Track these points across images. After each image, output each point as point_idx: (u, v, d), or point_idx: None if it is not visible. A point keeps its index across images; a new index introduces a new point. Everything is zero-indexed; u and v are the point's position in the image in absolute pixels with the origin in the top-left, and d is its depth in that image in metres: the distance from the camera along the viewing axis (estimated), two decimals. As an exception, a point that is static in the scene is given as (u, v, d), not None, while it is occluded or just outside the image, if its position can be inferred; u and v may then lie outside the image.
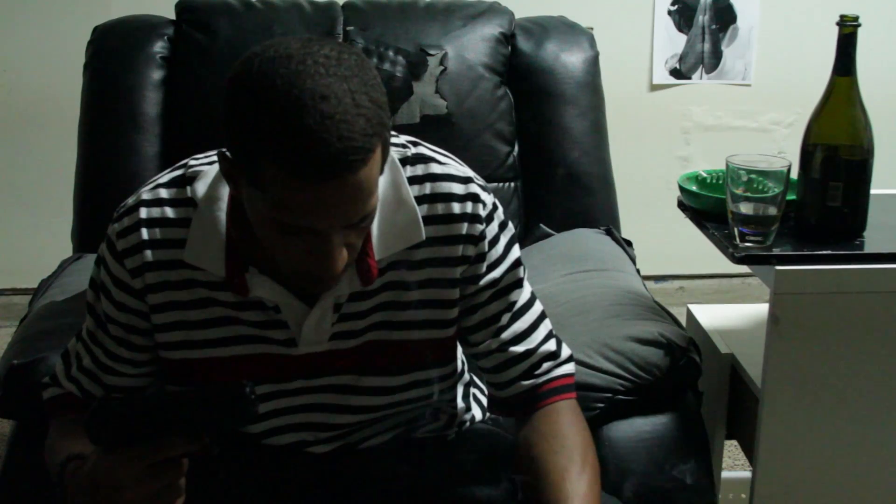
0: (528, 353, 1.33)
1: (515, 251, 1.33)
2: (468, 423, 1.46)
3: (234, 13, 2.01)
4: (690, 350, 1.57)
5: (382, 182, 1.20)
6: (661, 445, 1.54)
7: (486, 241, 1.28)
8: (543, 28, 2.09)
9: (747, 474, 1.87)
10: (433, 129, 1.98)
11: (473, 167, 1.66)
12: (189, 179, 1.24)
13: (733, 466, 2.46)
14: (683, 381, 1.59)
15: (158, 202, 1.24)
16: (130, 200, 1.26)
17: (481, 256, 1.28)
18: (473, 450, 1.40)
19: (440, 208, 1.25)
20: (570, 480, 1.24)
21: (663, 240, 2.88)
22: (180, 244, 1.22)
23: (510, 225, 1.33)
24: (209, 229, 1.22)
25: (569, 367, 1.36)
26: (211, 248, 1.22)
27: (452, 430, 1.44)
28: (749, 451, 1.73)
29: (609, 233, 2.01)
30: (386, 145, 1.09)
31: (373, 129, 1.05)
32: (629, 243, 2.00)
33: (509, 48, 2.06)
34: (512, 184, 2.05)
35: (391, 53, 1.99)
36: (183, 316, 1.25)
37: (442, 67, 1.99)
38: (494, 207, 1.30)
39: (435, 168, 1.27)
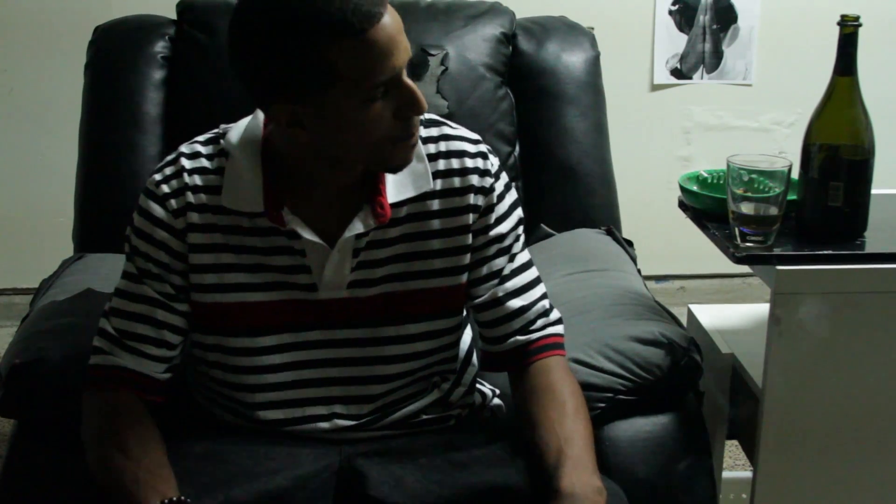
0: (525, 308, 1.45)
1: (519, 212, 1.46)
2: (469, 408, 1.53)
3: (234, 13, 2.01)
4: (691, 350, 1.57)
5: None
6: (662, 445, 1.54)
7: (495, 195, 1.42)
8: (544, 28, 2.09)
9: (748, 474, 1.87)
10: (434, 129, 1.98)
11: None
12: (222, 135, 1.39)
13: (734, 466, 2.46)
14: (684, 381, 1.59)
15: (196, 154, 1.38)
16: (170, 156, 1.40)
17: (490, 208, 1.41)
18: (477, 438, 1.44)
19: (454, 163, 1.40)
20: (566, 424, 1.36)
21: (664, 240, 2.88)
22: (217, 191, 1.36)
23: (514, 188, 1.47)
24: (245, 172, 1.35)
25: (559, 328, 1.48)
26: (247, 189, 1.35)
27: (455, 410, 1.49)
28: (750, 451, 1.73)
29: (610, 233, 2.01)
30: None
31: None
32: (630, 243, 2.00)
33: (510, 48, 2.06)
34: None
35: (392, 53, 1.99)
36: (217, 259, 1.37)
37: (443, 67, 1.99)
38: (501, 168, 1.44)
39: (448, 130, 1.43)
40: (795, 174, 1.58)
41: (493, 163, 1.43)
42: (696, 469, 1.55)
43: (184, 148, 1.40)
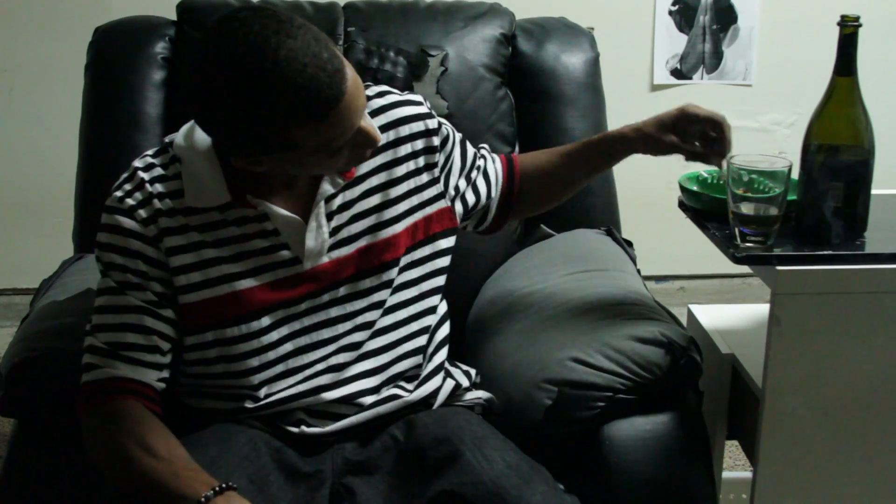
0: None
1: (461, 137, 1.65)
2: (441, 395, 1.57)
3: (234, 13, 2.01)
4: (691, 349, 1.57)
5: None
6: (662, 445, 1.54)
7: (445, 129, 1.58)
8: (544, 29, 2.09)
9: (748, 474, 1.87)
10: (434, 129, 1.98)
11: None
12: (169, 144, 1.45)
13: (734, 467, 2.46)
14: (684, 381, 1.59)
15: (151, 166, 1.44)
16: (125, 174, 1.44)
17: (445, 140, 1.57)
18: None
19: (397, 113, 1.53)
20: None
21: (664, 240, 2.88)
22: (180, 194, 1.41)
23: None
24: (203, 169, 1.41)
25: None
26: (209, 184, 1.40)
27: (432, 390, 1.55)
28: (750, 451, 1.73)
29: (610, 233, 2.01)
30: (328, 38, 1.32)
31: (321, 42, 1.27)
32: (630, 244, 2.00)
33: (510, 49, 2.06)
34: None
35: (392, 54, 1.99)
36: (199, 256, 1.41)
37: (443, 68, 1.99)
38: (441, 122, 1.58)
39: (385, 91, 1.56)
40: (795, 174, 1.58)
41: (435, 115, 1.57)
42: (696, 469, 1.55)
43: (137, 163, 1.45)
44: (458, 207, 1.61)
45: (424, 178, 1.55)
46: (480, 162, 1.67)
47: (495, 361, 1.68)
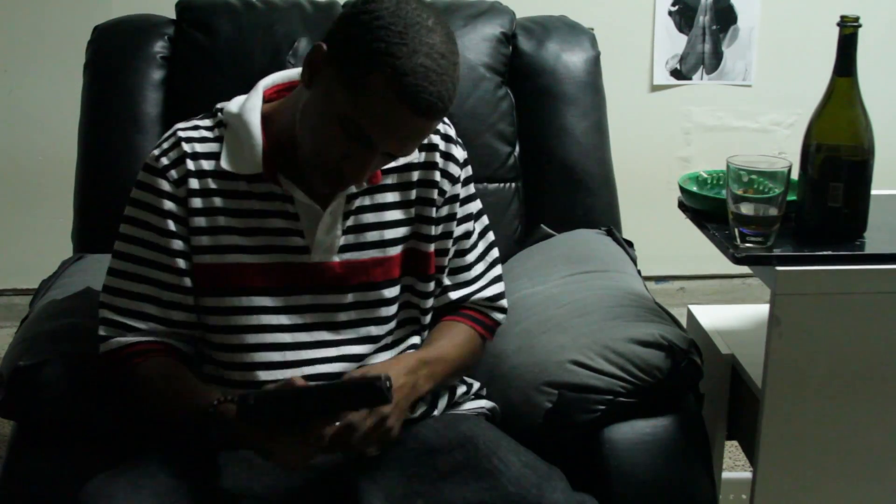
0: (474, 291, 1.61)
1: (478, 203, 1.62)
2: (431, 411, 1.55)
3: (234, 13, 2.00)
4: (691, 352, 1.57)
5: None
6: (662, 448, 1.53)
7: (461, 175, 1.55)
8: (544, 28, 2.09)
9: (748, 475, 1.86)
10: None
11: (474, 167, 1.67)
12: (219, 110, 1.49)
13: (734, 467, 2.46)
14: (684, 384, 1.58)
15: (194, 127, 1.48)
16: (167, 133, 1.48)
17: (455, 197, 1.55)
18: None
19: (435, 138, 1.52)
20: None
21: (664, 240, 2.88)
22: (216, 157, 1.45)
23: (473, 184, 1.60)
24: (244, 137, 1.44)
25: (498, 315, 1.63)
26: (247, 152, 1.43)
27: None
28: (750, 451, 1.73)
29: (610, 233, 2.01)
30: None
31: (455, 92, 1.34)
32: (630, 244, 2.00)
33: (510, 48, 2.06)
34: (513, 184, 2.04)
35: (392, 54, 1.99)
36: (216, 221, 1.45)
37: (442, 68, 1.99)
38: (467, 160, 1.57)
39: (453, 133, 1.56)
40: (795, 175, 1.58)
41: (461, 147, 1.57)
42: (697, 472, 1.55)
43: (180, 124, 1.49)
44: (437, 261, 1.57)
45: (433, 213, 1.53)
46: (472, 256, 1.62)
47: (495, 363, 1.67)
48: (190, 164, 1.44)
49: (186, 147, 1.45)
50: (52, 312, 1.67)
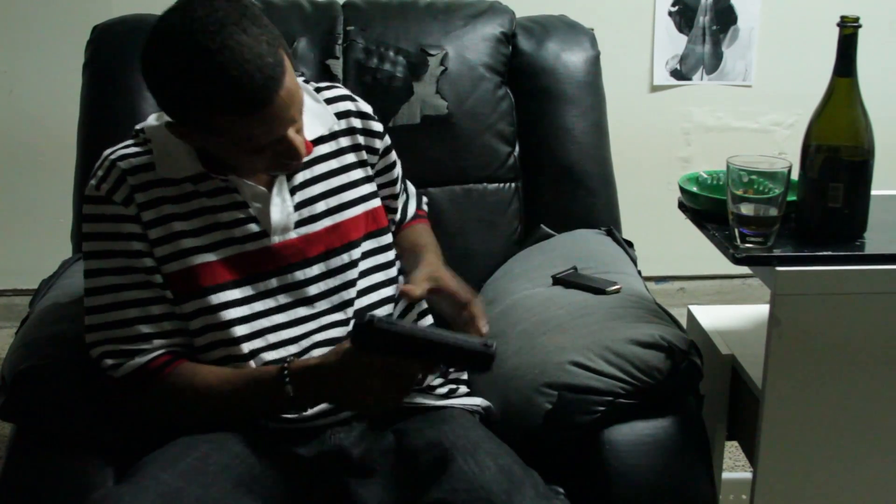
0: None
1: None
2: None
3: (234, 13, 2.00)
4: (691, 353, 1.57)
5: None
6: (662, 449, 1.53)
7: (389, 140, 1.65)
8: (544, 27, 2.09)
9: (748, 475, 1.87)
10: (434, 129, 1.97)
11: (474, 167, 1.68)
12: (140, 130, 1.53)
13: (734, 467, 2.46)
14: (684, 385, 1.58)
15: (122, 147, 1.51)
16: (97, 163, 1.50)
17: (388, 149, 1.65)
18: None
19: (343, 106, 1.61)
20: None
21: (664, 241, 2.88)
22: (152, 167, 1.48)
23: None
24: (174, 144, 1.47)
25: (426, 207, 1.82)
26: (182, 158, 1.47)
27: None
28: (750, 452, 1.73)
29: (610, 233, 2.01)
30: (285, 48, 1.38)
31: (273, 47, 1.34)
32: (630, 244, 2.00)
33: (510, 48, 2.06)
34: (512, 184, 2.04)
35: (391, 53, 1.99)
36: (172, 228, 1.47)
37: (442, 67, 1.99)
38: (373, 112, 1.65)
39: (344, 90, 1.65)
40: (795, 175, 1.58)
41: (371, 108, 1.66)
42: (697, 473, 1.54)
43: (107, 150, 1.52)
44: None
45: (368, 171, 1.62)
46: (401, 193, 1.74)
47: (495, 364, 1.67)
48: (131, 181, 1.47)
49: (122, 165, 1.47)
50: (53, 316, 1.66)
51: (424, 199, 1.84)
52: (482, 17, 2.05)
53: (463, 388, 1.66)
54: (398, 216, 1.72)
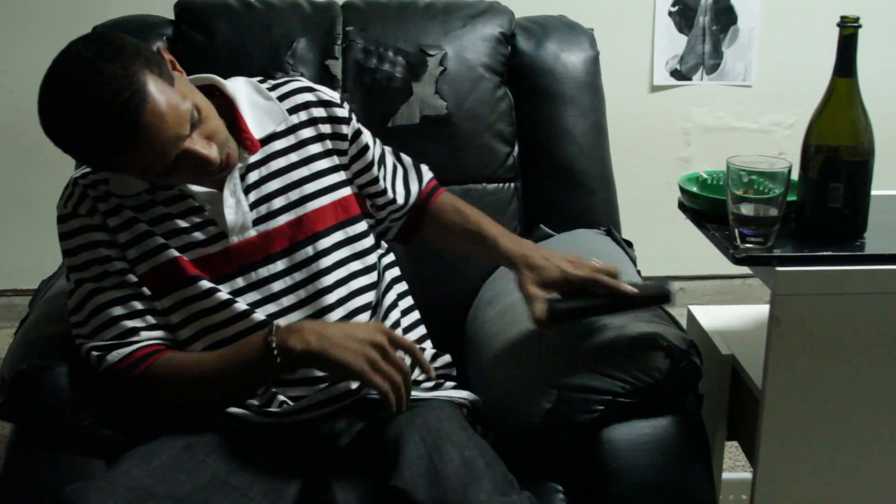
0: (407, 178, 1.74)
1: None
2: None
3: (233, 13, 2.01)
4: (691, 353, 1.56)
5: (241, 87, 1.59)
6: (662, 448, 1.53)
7: (357, 124, 1.64)
8: (543, 28, 2.09)
9: (748, 475, 1.87)
10: (433, 129, 1.97)
11: (473, 167, 1.68)
12: None
13: (734, 468, 2.46)
14: (684, 385, 1.58)
15: (83, 168, 1.56)
16: (64, 186, 1.55)
17: (358, 133, 1.64)
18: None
19: (301, 98, 1.61)
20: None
21: (664, 241, 2.88)
22: (106, 182, 1.53)
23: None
24: None
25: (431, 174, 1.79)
26: (127, 177, 1.49)
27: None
28: (750, 452, 1.73)
29: (609, 234, 2.01)
30: (153, 65, 1.37)
31: (127, 76, 1.33)
32: (630, 244, 2.00)
33: (509, 48, 2.06)
34: (512, 184, 2.04)
35: (391, 54, 1.99)
36: (138, 229, 1.51)
37: (442, 68, 1.99)
38: (339, 98, 1.65)
39: (301, 81, 1.65)
40: (795, 175, 1.58)
41: (336, 93, 1.66)
42: (696, 473, 1.54)
43: (73, 173, 1.57)
44: (368, 199, 1.67)
45: (336, 160, 1.62)
46: (395, 166, 1.73)
47: (494, 363, 1.67)
48: (92, 194, 1.52)
49: (82, 181, 1.53)
50: (53, 316, 1.66)
51: (424, 166, 1.79)
52: (481, 18, 2.05)
53: (450, 383, 1.66)
54: (395, 196, 1.70)
